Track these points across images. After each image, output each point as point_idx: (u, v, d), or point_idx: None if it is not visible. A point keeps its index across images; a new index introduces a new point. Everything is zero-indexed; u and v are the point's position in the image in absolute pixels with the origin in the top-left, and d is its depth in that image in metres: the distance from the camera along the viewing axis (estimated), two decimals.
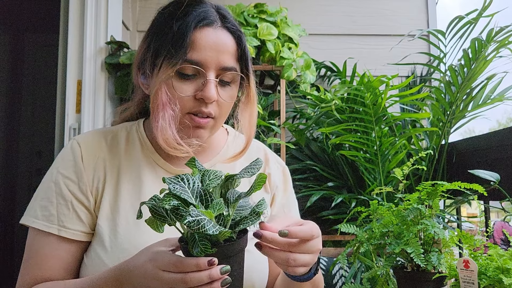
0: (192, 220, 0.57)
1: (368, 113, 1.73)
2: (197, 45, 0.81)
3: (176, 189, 0.62)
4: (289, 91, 2.08)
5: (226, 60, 0.83)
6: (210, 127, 0.85)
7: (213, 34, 0.82)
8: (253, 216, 0.64)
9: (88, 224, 0.83)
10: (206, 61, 0.81)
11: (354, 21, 2.37)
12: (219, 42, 0.82)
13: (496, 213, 2.17)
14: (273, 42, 1.93)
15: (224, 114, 0.86)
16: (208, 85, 0.80)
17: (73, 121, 1.88)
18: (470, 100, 1.76)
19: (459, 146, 1.86)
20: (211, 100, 0.81)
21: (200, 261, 0.60)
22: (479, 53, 1.59)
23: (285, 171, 1.00)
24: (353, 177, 1.96)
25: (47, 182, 0.85)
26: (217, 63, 0.82)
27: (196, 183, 0.64)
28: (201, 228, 0.57)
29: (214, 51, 0.81)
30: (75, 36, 1.90)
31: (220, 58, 0.82)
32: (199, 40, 0.81)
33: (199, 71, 0.81)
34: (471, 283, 0.76)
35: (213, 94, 0.80)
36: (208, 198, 0.63)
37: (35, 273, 0.81)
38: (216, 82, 0.82)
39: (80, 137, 0.88)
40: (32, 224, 0.82)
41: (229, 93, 0.85)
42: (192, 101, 0.81)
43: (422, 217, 0.89)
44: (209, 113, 0.82)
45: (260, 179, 0.65)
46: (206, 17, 0.83)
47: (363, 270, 1.73)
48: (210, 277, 0.59)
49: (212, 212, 0.59)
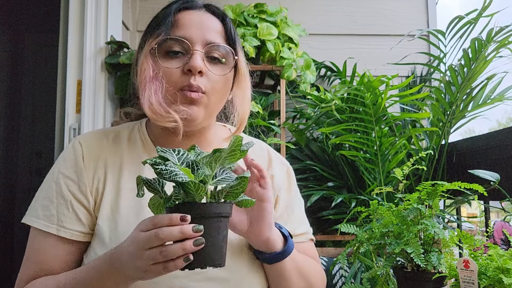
0: (164, 169, 0.59)
1: (368, 113, 1.73)
2: (180, 24, 0.84)
3: (164, 154, 0.63)
4: (289, 91, 2.08)
5: (212, 36, 0.84)
6: (204, 105, 0.83)
7: (196, 15, 0.85)
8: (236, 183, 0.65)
9: (87, 225, 0.82)
10: (191, 36, 0.82)
11: (354, 21, 2.37)
12: (203, 21, 0.85)
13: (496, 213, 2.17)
14: (273, 42, 1.93)
15: (216, 92, 0.84)
16: (194, 55, 0.81)
17: (73, 121, 1.88)
18: (470, 100, 1.76)
19: (459, 146, 1.85)
20: (197, 69, 0.80)
21: (173, 215, 0.61)
22: (479, 53, 1.59)
23: (289, 171, 0.99)
24: (353, 177, 1.96)
25: (48, 182, 0.85)
26: (203, 39, 0.83)
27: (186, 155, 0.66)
28: (172, 176, 0.58)
29: (199, 28, 0.83)
30: (75, 36, 1.90)
31: (205, 35, 0.83)
32: (182, 19, 0.84)
33: (184, 47, 0.82)
34: (471, 283, 0.76)
35: (199, 62, 0.80)
36: (194, 167, 0.64)
37: (34, 272, 0.81)
38: (202, 54, 0.82)
39: (82, 137, 0.88)
40: (33, 223, 0.82)
41: (219, 69, 0.84)
42: (180, 76, 0.81)
43: (422, 217, 0.89)
44: (197, 87, 0.81)
45: (236, 142, 0.65)
46: (189, 1, 0.87)
47: (363, 270, 1.73)
48: (182, 231, 0.60)
49: (190, 171, 0.61)
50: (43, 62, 3.35)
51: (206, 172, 0.63)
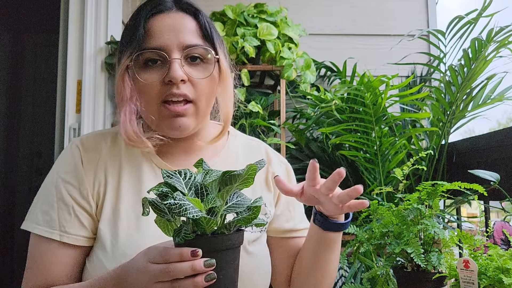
0: (173, 203, 0.55)
1: (368, 113, 1.73)
2: (152, 32, 0.80)
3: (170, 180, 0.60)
4: (289, 91, 2.08)
5: (188, 38, 0.80)
6: (193, 114, 0.81)
7: (167, 19, 0.81)
8: (247, 212, 0.61)
9: (90, 229, 0.81)
10: (166, 44, 0.79)
11: (354, 21, 2.37)
12: (175, 23, 0.81)
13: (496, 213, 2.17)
14: (273, 42, 1.92)
15: (203, 96, 0.82)
16: (172, 65, 0.78)
17: (73, 121, 1.88)
18: (470, 100, 1.76)
19: (459, 146, 1.85)
20: (178, 80, 0.77)
21: (184, 250, 0.58)
22: (479, 53, 1.59)
23: (288, 169, 0.99)
24: (353, 177, 1.96)
25: (47, 186, 0.84)
26: (178, 43, 0.79)
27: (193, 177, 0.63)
28: (182, 211, 0.55)
29: (172, 33, 0.80)
30: (75, 36, 1.90)
31: (180, 38, 0.80)
32: (154, 26, 0.80)
33: (161, 55, 0.79)
34: (471, 283, 0.76)
35: (179, 72, 0.77)
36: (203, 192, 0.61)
37: (38, 279, 0.80)
38: (181, 61, 0.79)
39: (79, 140, 0.87)
40: (34, 230, 0.80)
41: (201, 71, 0.81)
42: (161, 87, 0.79)
43: (422, 217, 0.89)
44: (183, 95, 0.79)
45: (250, 170, 0.60)
46: (159, 5, 0.83)
47: (363, 270, 1.73)
48: (193, 268, 0.57)
49: (200, 201, 0.58)
50: (43, 62, 3.35)
51: (217, 203, 0.60)
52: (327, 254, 0.85)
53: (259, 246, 0.88)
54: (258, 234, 0.88)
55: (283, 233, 0.93)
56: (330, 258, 0.86)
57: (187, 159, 0.89)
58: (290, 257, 0.94)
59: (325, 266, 0.87)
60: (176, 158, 0.88)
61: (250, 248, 0.84)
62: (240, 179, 0.61)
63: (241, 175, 0.60)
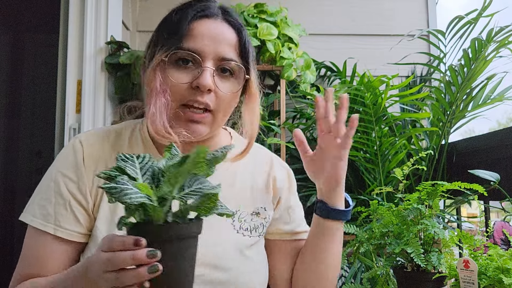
0: (113, 187, 0.51)
1: (368, 113, 1.73)
2: (194, 34, 0.79)
3: (123, 163, 0.56)
4: (289, 91, 2.08)
5: (225, 51, 0.81)
6: (208, 123, 0.82)
7: (212, 25, 0.81)
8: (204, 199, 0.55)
9: (85, 226, 0.81)
10: (203, 50, 0.79)
11: (354, 21, 2.37)
12: (218, 32, 0.81)
13: (496, 213, 2.17)
14: (273, 42, 1.92)
15: (224, 109, 0.83)
16: (204, 73, 0.78)
17: (73, 121, 1.88)
18: (470, 100, 1.76)
19: (459, 146, 1.85)
20: (206, 88, 0.78)
21: (126, 239, 0.55)
22: (479, 53, 1.59)
23: (289, 173, 0.99)
24: (353, 177, 1.96)
25: (47, 180, 0.84)
26: (215, 53, 0.80)
27: (152, 161, 0.58)
28: (122, 196, 0.51)
29: (212, 41, 0.80)
30: (75, 36, 1.90)
31: (218, 49, 0.80)
32: (197, 29, 0.80)
33: (195, 59, 0.79)
34: (471, 283, 0.76)
35: (208, 81, 0.77)
36: (160, 178, 0.56)
37: (30, 271, 0.80)
38: (213, 71, 0.79)
39: (82, 136, 0.86)
40: (30, 222, 0.81)
41: (229, 86, 0.82)
42: (187, 90, 0.79)
43: (422, 217, 0.89)
44: (205, 104, 0.79)
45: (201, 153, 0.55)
46: (206, 9, 0.82)
47: (363, 270, 1.73)
48: (134, 258, 0.54)
49: (148, 187, 0.53)
50: (43, 62, 3.35)
51: (165, 189, 0.55)
52: (329, 244, 0.86)
53: (256, 251, 0.88)
54: (257, 238, 0.88)
55: (283, 235, 0.93)
56: (332, 250, 0.86)
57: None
58: (290, 260, 0.93)
59: (327, 257, 0.87)
60: None
61: (247, 253, 0.85)
62: (191, 163, 0.55)
63: (189, 157, 0.55)
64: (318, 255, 0.87)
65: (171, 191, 0.55)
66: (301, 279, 0.91)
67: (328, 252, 0.86)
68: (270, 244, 0.94)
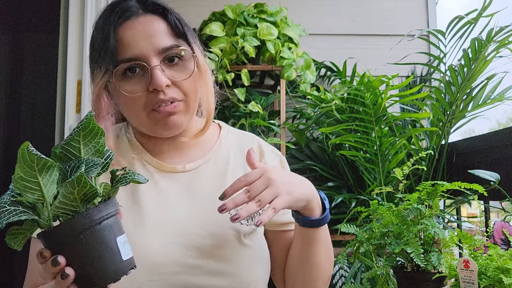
0: None
1: (368, 113, 1.73)
2: (125, 42, 0.78)
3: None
4: (289, 91, 2.08)
5: (162, 41, 0.79)
6: (183, 111, 0.81)
7: (137, 25, 0.79)
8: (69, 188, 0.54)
9: None
10: (142, 53, 0.77)
11: (354, 21, 2.37)
12: (146, 28, 0.79)
13: (496, 213, 2.17)
14: (273, 42, 1.92)
15: (190, 93, 0.81)
16: (154, 73, 0.77)
17: (73, 121, 1.88)
18: (470, 100, 1.76)
19: (459, 146, 1.85)
20: (162, 87, 0.77)
21: (36, 253, 0.57)
22: (479, 53, 1.59)
23: (282, 160, 0.97)
24: (353, 177, 1.96)
25: None
26: (154, 48, 0.78)
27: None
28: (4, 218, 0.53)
29: (146, 39, 0.78)
30: (75, 36, 1.90)
31: (155, 43, 0.78)
32: (125, 36, 0.78)
33: (139, 64, 0.78)
34: (471, 283, 0.76)
35: (162, 79, 0.76)
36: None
37: (37, 281, 0.80)
38: (161, 66, 0.78)
39: None
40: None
41: (183, 72, 0.81)
42: (146, 96, 0.78)
43: (422, 217, 0.89)
44: (171, 98, 0.78)
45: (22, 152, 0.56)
46: (125, 11, 0.80)
47: (363, 270, 1.73)
48: (46, 272, 0.56)
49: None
50: (43, 62, 3.35)
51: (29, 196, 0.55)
52: (310, 248, 0.84)
53: (255, 239, 0.86)
54: (253, 227, 0.87)
55: (280, 226, 0.92)
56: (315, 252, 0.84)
57: (179, 155, 0.89)
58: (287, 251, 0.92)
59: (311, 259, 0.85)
60: (167, 155, 0.88)
61: (246, 241, 0.83)
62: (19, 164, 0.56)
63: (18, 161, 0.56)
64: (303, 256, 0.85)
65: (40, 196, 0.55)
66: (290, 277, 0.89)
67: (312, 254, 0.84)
68: (268, 235, 0.92)
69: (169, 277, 0.75)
